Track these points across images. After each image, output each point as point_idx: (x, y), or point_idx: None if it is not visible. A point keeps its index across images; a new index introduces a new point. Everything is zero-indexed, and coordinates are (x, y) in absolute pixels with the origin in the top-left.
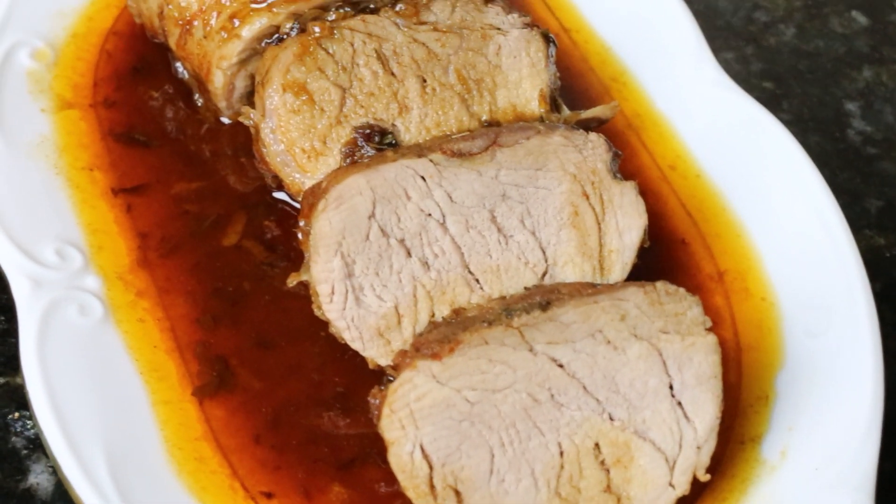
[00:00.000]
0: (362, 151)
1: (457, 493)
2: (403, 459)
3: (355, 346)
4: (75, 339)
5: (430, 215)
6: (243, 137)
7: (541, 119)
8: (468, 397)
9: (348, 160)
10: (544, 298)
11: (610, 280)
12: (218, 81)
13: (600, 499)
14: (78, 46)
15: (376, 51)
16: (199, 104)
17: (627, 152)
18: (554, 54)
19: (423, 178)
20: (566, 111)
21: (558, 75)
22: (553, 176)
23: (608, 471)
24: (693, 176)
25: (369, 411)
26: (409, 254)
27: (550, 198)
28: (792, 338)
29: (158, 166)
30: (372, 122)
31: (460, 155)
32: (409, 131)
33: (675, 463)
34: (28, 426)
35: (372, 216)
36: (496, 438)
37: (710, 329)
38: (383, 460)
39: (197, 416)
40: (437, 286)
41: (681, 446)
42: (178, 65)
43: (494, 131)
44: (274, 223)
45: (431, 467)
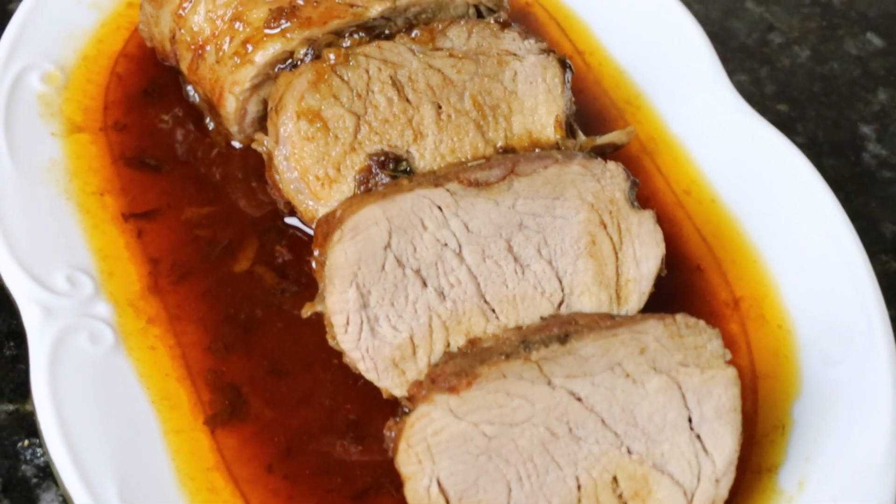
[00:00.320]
0: (377, 178)
1: None
2: (420, 494)
3: (370, 376)
4: (86, 367)
5: (446, 245)
6: (254, 161)
7: (556, 145)
8: (486, 431)
9: (362, 187)
10: (562, 331)
11: (627, 309)
12: (230, 106)
13: None
14: (88, 69)
15: (391, 77)
16: (211, 128)
17: (642, 177)
18: (570, 80)
19: (439, 207)
20: (582, 137)
21: (573, 100)
22: (571, 205)
23: None
24: (708, 201)
25: (383, 441)
26: (424, 284)
27: (568, 227)
28: (809, 365)
29: (169, 191)
30: (386, 148)
31: (477, 184)
32: (423, 158)
33: (693, 496)
34: (38, 454)
35: (388, 246)
36: (513, 472)
37: (730, 361)
38: (397, 489)
39: (209, 445)
40: (452, 316)
41: (699, 479)
42: (190, 88)
43: (511, 160)
44: (286, 248)
45: (448, 502)
